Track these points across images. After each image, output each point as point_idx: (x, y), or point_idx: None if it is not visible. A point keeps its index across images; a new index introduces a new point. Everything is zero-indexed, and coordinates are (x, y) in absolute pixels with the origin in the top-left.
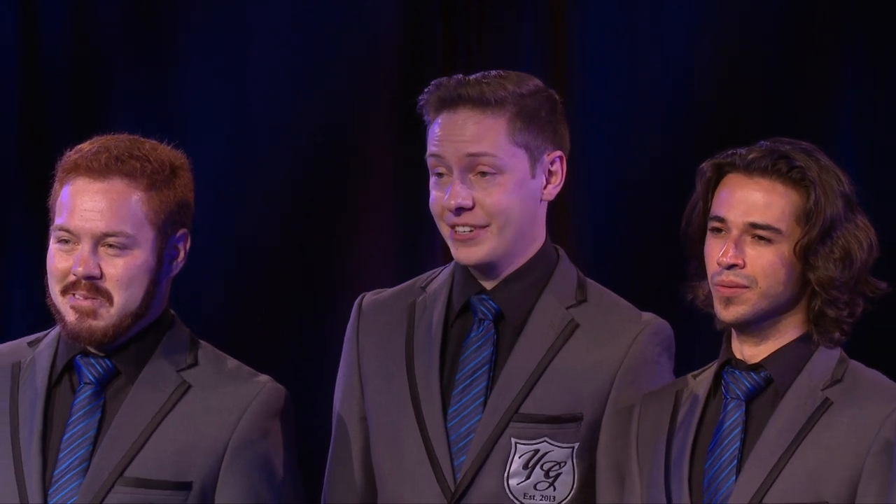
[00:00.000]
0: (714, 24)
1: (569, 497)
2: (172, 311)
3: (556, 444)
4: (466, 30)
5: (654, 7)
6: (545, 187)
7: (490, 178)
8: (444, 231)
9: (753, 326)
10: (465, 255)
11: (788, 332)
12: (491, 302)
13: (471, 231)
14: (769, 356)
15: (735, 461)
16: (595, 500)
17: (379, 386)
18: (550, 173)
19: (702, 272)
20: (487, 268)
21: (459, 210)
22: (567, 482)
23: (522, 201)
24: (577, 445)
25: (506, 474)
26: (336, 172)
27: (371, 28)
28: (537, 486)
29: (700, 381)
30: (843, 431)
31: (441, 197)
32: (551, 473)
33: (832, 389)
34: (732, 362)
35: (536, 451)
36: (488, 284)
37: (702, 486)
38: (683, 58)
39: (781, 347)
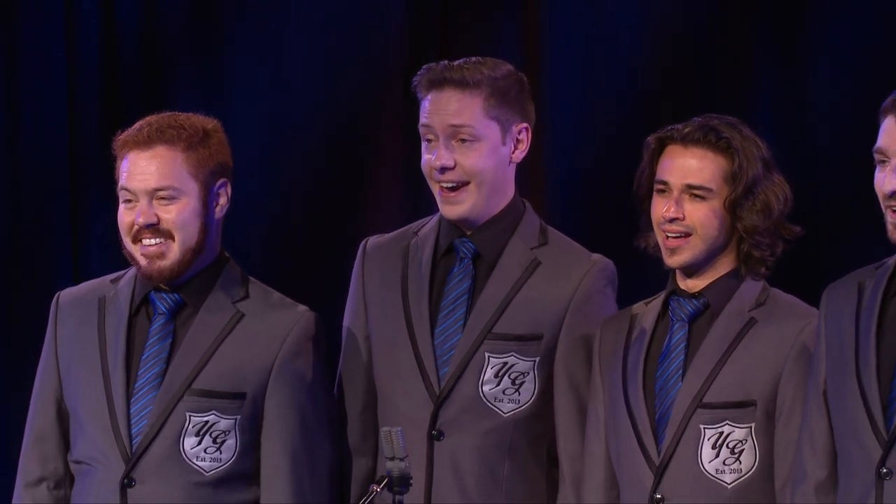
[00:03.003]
0: (658, 22)
1: (531, 400)
2: (227, 254)
3: (521, 357)
4: (460, 27)
5: (609, 9)
6: (513, 152)
7: (468, 145)
8: (434, 189)
9: (694, 267)
10: (449, 210)
11: (722, 268)
12: (470, 244)
13: (454, 187)
14: (707, 286)
15: (680, 371)
16: (551, 403)
17: (379, 311)
18: (518, 141)
19: (650, 225)
20: (466, 220)
21: (443, 169)
22: (529, 389)
23: (495, 163)
24: (538, 359)
25: (480, 382)
26: (355, 140)
27: (384, 26)
28: (505, 392)
29: (651, 308)
30: (765, 342)
31: (430, 159)
32: (517, 381)
33: (756, 311)
34: (677, 292)
35: (505, 363)
36: (468, 230)
37: (654, 391)
38: (633, 48)
39: (717, 279)
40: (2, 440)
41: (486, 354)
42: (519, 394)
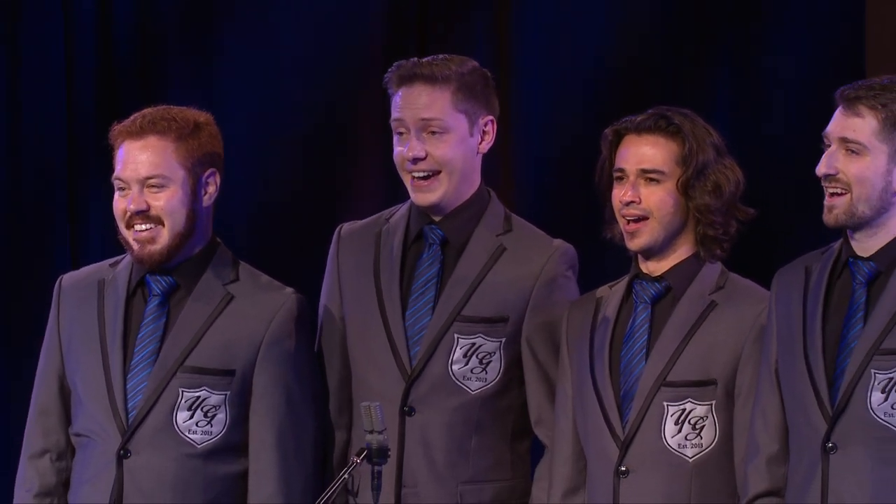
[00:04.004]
0: (623, 19)
1: (497, 379)
2: (218, 239)
3: (488, 339)
4: (434, 24)
5: (576, 8)
6: (480, 143)
7: (438, 136)
8: (406, 179)
9: (654, 250)
10: (422, 198)
11: (681, 252)
12: (439, 231)
13: (426, 176)
14: (668, 270)
15: (644, 350)
16: (516, 380)
17: (353, 294)
18: (484, 133)
19: (614, 215)
20: (437, 207)
21: (415, 160)
22: (496, 367)
23: (463, 154)
24: (503, 340)
25: (449, 361)
26: (337, 132)
27: (365, 25)
28: (473, 371)
29: (615, 291)
30: (725, 325)
31: (402, 151)
32: (484, 361)
33: (716, 294)
34: (640, 275)
35: (473, 344)
36: (436, 217)
37: (619, 369)
38: (597, 45)
39: (677, 263)
40: (6, 417)
41: (455, 336)
42: (486, 372)
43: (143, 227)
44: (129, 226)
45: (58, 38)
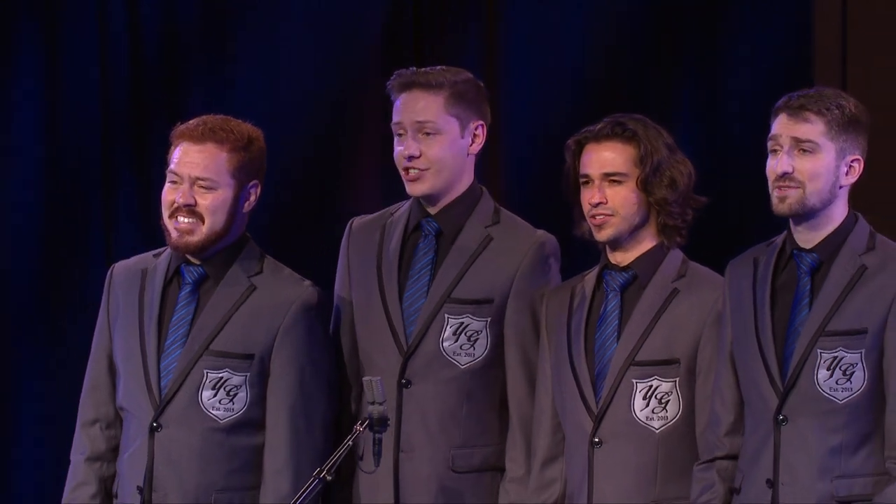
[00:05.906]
0: (599, 34)
1: (484, 354)
2: (248, 234)
3: (475, 318)
4: (431, 31)
5: (561, 15)
6: (471, 145)
7: (432, 137)
8: (402, 174)
9: (619, 241)
10: (412, 188)
11: (645, 243)
12: (434, 223)
13: (417, 172)
14: (634, 260)
15: (615, 333)
16: (502, 355)
17: (359, 281)
18: (475, 136)
19: (582, 215)
20: (429, 199)
21: (411, 157)
22: (483, 344)
23: (454, 154)
24: (489, 319)
25: (441, 339)
26: (339, 131)
27: (365, 32)
28: (462, 347)
29: (588, 280)
30: (686, 309)
31: (401, 150)
32: (472, 338)
33: (678, 282)
34: (609, 266)
35: (462, 322)
36: (432, 211)
37: (593, 351)
38: (578, 54)
39: (642, 254)
40: (49, 388)
41: (446, 316)
42: (474, 349)
43: (186, 220)
44: (173, 216)
45: (93, 47)
